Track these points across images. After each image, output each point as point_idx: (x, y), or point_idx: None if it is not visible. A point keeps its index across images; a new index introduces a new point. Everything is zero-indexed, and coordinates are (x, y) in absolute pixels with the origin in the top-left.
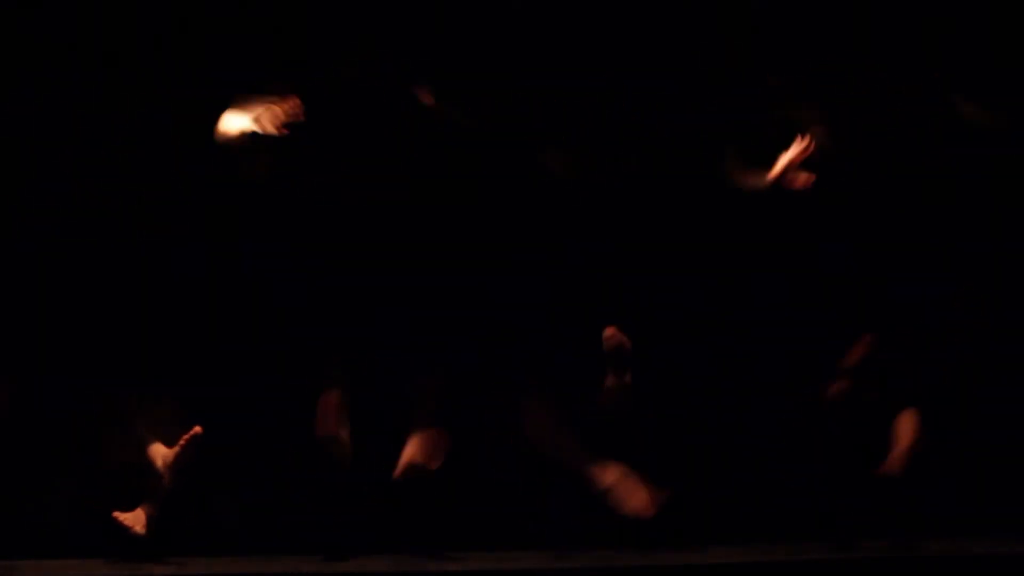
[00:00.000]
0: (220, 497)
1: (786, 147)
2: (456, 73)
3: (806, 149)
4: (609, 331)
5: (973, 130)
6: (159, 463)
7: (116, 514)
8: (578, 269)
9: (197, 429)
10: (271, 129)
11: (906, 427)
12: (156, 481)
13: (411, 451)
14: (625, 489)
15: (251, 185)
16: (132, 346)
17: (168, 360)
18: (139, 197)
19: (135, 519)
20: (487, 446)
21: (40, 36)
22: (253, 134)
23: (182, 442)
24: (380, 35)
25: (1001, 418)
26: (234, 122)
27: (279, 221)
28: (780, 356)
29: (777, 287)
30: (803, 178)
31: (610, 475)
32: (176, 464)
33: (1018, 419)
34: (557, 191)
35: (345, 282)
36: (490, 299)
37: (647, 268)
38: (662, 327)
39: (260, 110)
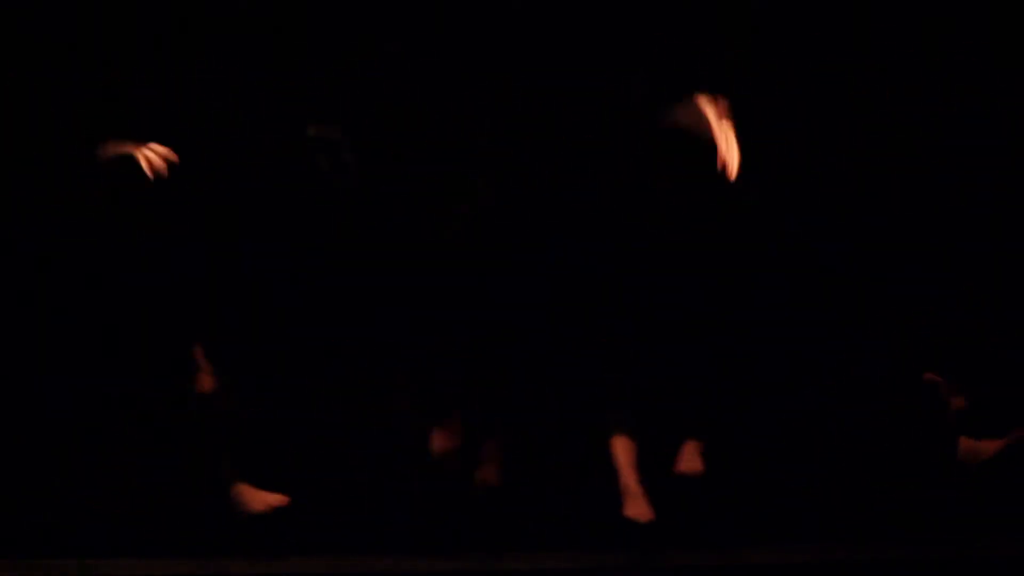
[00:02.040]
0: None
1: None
2: (455, 73)
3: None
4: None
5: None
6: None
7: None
8: (578, 269)
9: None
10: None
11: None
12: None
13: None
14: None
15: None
16: (133, 346)
17: (168, 360)
18: (139, 197)
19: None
20: (491, 447)
21: (40, 36)
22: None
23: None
24: (380, 34)
25: (1001, 417)
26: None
27: (279, 221)
28: (780, 356)
29: (777, 287)
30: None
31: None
32: None
33: (1018, 419)
34: (559, 191)
35: (345, 282)
36: (490, 299)
37: (647, 268)
38: (662, 327)
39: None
